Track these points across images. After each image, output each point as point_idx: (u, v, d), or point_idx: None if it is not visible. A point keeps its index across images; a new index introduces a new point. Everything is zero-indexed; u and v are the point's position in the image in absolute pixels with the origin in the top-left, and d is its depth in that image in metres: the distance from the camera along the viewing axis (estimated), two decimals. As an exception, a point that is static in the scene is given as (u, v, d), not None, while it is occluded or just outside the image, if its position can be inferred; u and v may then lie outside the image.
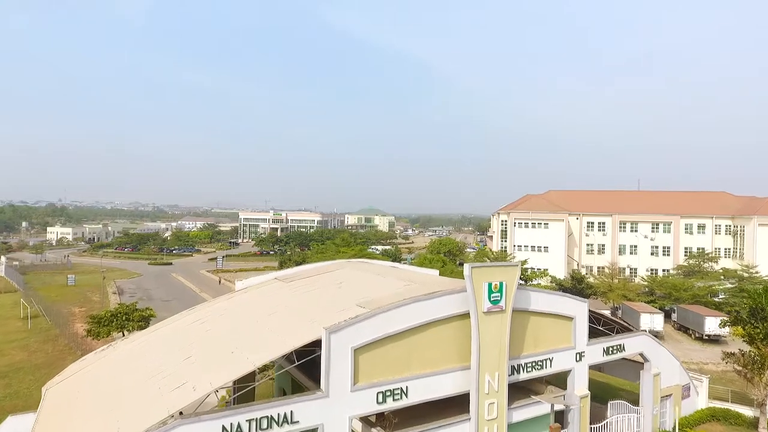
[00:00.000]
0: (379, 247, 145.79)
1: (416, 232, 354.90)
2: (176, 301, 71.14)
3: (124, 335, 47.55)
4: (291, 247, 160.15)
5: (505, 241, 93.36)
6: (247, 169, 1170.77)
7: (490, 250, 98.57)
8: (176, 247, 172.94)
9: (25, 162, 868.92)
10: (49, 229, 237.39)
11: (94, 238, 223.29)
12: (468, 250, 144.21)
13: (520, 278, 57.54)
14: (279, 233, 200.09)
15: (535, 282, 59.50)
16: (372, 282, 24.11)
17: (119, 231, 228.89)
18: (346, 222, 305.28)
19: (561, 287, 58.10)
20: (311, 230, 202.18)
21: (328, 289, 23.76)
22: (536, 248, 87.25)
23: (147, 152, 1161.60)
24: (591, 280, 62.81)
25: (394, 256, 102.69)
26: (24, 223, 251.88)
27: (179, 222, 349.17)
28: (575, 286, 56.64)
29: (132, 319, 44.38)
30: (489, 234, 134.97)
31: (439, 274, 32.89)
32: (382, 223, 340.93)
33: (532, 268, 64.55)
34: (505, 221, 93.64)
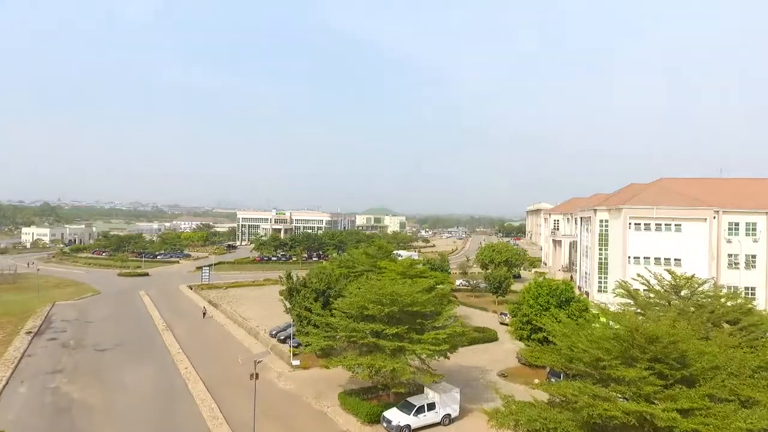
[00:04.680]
0: (404, 252, 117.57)
1: (430, 233, 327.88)
2: (118, 350, 43.76)
3: None
4: (297, 252, 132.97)
5: (605, 249, 65.79)
6: (249, 168, 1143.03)
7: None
8: (162, 251, 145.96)
9: (25, 162, 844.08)
10: (24, 230, 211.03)
11: (75, 240, 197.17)
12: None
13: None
14: (282, 235, 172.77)
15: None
16: None
17: (101, 232, 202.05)
18: (356, 222, 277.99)
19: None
20: (319, 232, 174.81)
21: None
22: (661, 260, 59.72)
23: (149, 152, 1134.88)
24: None
25: (441, 268, 75.17)
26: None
27: (174, 222, 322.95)
28: None
29: None
30: (555, 237, 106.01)
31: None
32: (392, 224, 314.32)
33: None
34: (605, 221, 66.03)
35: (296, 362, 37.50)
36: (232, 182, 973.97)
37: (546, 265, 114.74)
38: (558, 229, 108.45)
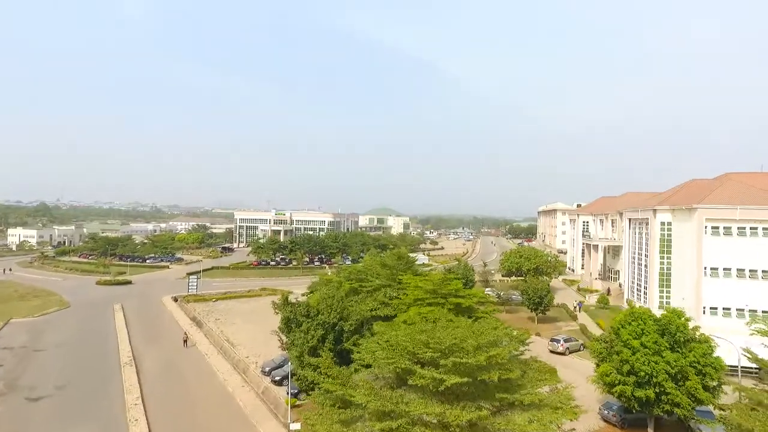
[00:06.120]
0: (418, 256, 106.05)
1: (435, 234, 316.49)
2: (57, 398, 32.77)
3: None
4: (298, 256, 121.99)
5: (668, 257, 54.65)
6: (249, 168, 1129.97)
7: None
8: (152, 254, 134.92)
9: (25, 162, 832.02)
10: (9, 231, 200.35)
11: (64, 242, 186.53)
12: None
13: None
14: (282, 237, 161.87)
15: None
16: None
17: (89, 234, 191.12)
18: (359, 223, 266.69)
19: None
20: (321, 233, 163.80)
21: None
22: (746, 272, 48.71)
23: (149, 152, 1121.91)
24: None
25: (466, 278, 64.19)
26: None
27: (170, 223, 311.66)
28: None
29: None
30: (592, 241, 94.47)
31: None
32: (396, 224, 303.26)
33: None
34: (667, 223, 54.90)
35: (296, 426, 26.39)
36: (233, 182, 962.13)
37: (573, 271, 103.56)
38: (588, 231, 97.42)
